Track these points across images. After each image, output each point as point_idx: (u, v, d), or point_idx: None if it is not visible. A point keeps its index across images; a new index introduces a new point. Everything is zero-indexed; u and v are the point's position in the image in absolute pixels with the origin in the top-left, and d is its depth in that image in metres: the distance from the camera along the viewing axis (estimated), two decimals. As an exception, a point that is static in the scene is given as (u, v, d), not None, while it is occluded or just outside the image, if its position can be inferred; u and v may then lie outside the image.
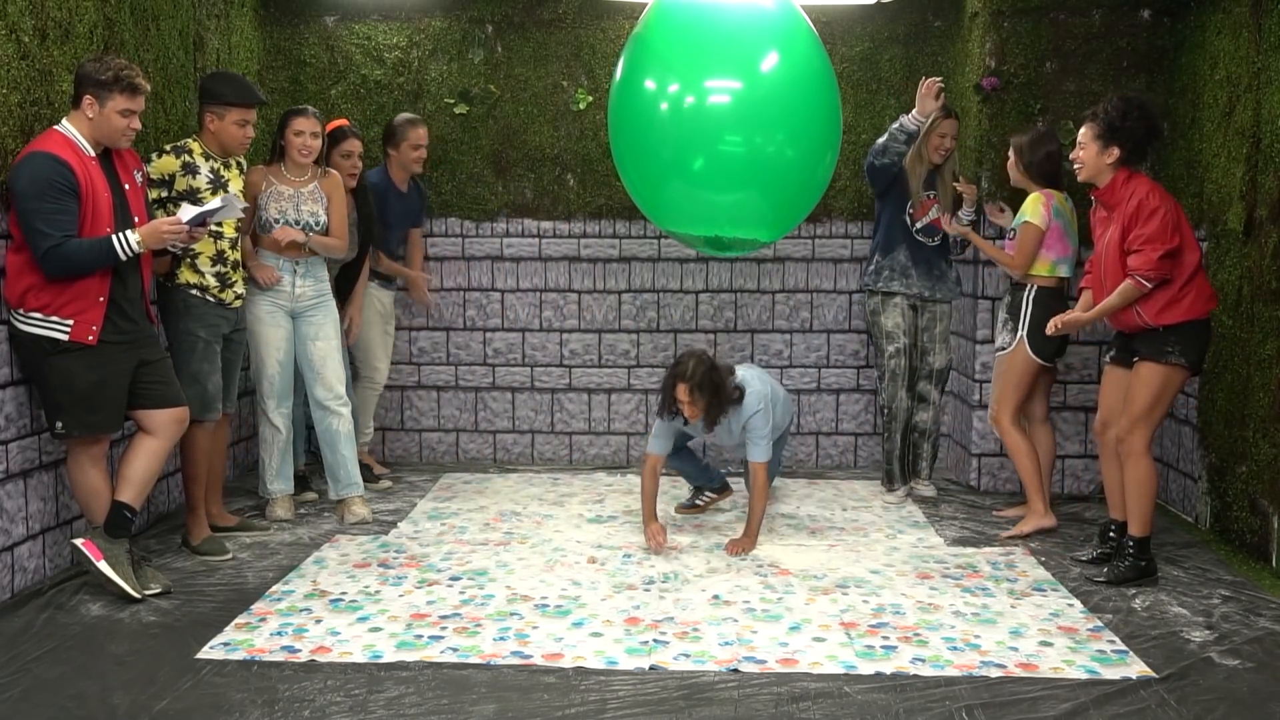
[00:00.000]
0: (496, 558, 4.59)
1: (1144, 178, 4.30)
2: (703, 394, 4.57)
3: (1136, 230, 4.19)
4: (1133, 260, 4.18)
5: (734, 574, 4.39)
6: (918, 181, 5.39)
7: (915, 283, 5.46)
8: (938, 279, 5.48)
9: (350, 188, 5.37)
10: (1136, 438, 4.28)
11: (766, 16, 4.61)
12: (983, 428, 5.72)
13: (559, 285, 6.28)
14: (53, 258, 3.76)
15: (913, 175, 5.38)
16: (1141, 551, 4.32)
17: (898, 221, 5.46)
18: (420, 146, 5.66)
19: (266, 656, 3.51)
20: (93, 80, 3.84)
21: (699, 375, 4.58)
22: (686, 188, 4.61)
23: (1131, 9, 5.54)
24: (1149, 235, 4.16)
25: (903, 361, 5.49)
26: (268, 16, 6.11)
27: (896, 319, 5.48)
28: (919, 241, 5.44)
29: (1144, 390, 4.26)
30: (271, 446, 5.05)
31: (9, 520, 3.94)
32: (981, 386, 5.71)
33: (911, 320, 5.52)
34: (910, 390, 5.55)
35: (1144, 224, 4.18)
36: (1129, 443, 4.29)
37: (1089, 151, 4.31)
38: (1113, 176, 4.29)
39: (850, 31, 6.11)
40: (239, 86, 4.58)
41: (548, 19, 6.13)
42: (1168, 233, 4.17)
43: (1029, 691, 3.30)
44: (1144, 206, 4.19)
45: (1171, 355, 4.24)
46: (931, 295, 5.48)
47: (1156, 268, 4.16)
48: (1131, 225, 4.21)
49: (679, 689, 3.30)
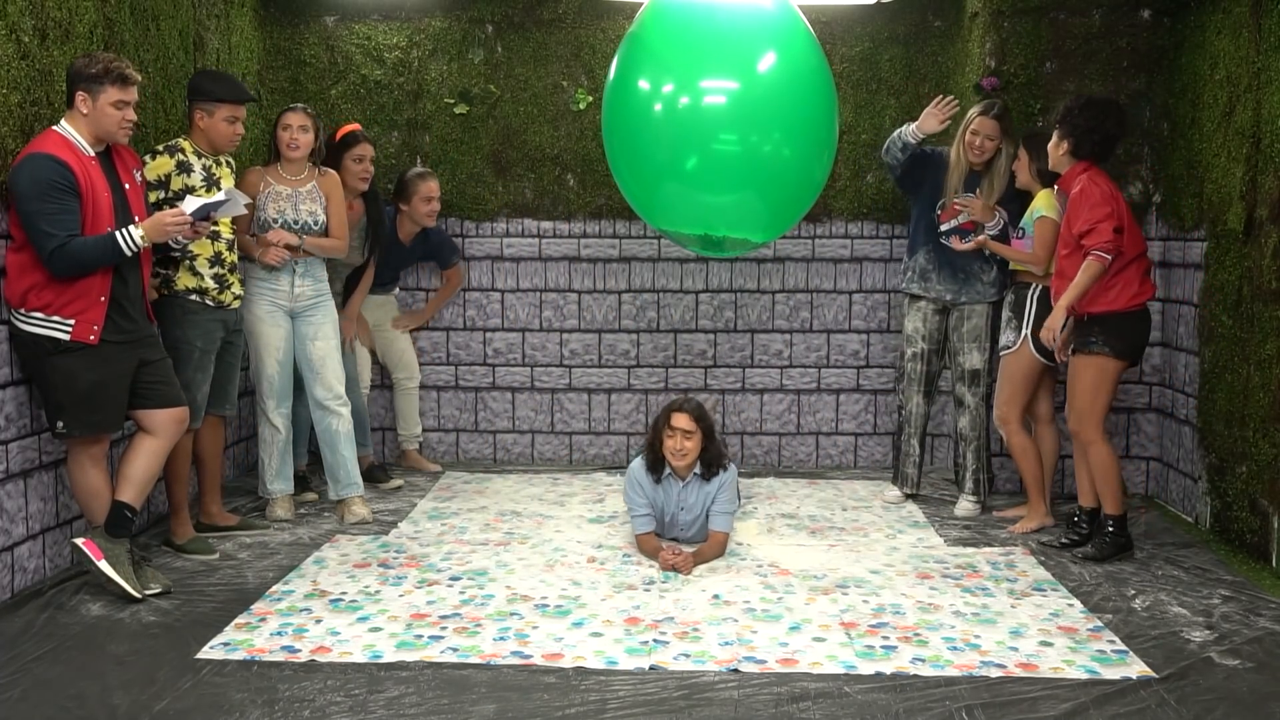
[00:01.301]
0: (496, 558, 4.59)
1: (1096, 172, 4.54)
2: (702, 423, 4.52)
3: (1086, 214, 4.42)
4: (1089, 239, 4.41)
5: (734, 574, 4.39)
6: (958, 181, 5.18)
7: (935, 286, 5.31)
8: (964, 282, 5.26)
9: (361, 192, 5.39)
10: (1087, 428, 4.56)
11: (762, 16, 4.60)
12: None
13: (559, 285, 6.28)
14: (59, 258, 3.76)
15: (953, 173, 5.18)
16: (1119, 529, 4.58)
17: (924, 221, 5.31)
18: (432, 199, 5.71)
19: (266, 656, 3.51)
20: (83, 76, 3.84)
21: (699, 408, 4.56)
22: (681, 188, 4.59)
23: (1131, 9, 5.54)
24: (1100, 216, 4.41)
25: (919, 366, 5.40)
26: (268, 16, 6.12)
27: (917, 323, 5.39)
28: (944, 244, 5.26)
29: (1077, 382, 4.56)
30: (271, 446, 5.05)
31: (9, 520, 3.94)
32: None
33: (938, 323, 5.36)
34: (928, 395, 5.45)
35: (1091, 207, 4.42)
36: (1081, 434, 4.59)
37: (1051, 143, 4.66)
38: (1070, 167, 4.58)
39: (850, 31, 6.11)
40: (227, 84, 4.60)
41: (548, 19, 6.13)
42: (1114, 212, 4.43)
43: (1029, 691, 3.31)
44: (1087, 191, 4.48)
45: (1095, 344, 4.50)
46: (956, 299, 5.28)
47: (1113, 240, 4.39)
48: (1078, 210, 4.46)
49: (679, 689, 3.30)
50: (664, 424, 4.56)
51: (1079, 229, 4.43)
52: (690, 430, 4.50)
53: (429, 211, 5.72)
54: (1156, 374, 5.60)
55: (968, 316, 5.29)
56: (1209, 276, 5.01)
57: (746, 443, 6.33)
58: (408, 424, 6.10)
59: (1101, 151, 4.57)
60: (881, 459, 6.31)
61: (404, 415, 6.09)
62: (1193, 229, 5.21)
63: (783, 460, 6.35)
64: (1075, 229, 4.45)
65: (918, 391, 5.45)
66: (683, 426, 4.50)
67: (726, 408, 6.31)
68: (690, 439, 4.51)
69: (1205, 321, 5.04)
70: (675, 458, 4.53)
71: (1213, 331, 4.96)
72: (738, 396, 6.31)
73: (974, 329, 5.28)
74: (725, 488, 4.59)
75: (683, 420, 4.51)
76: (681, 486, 4.62)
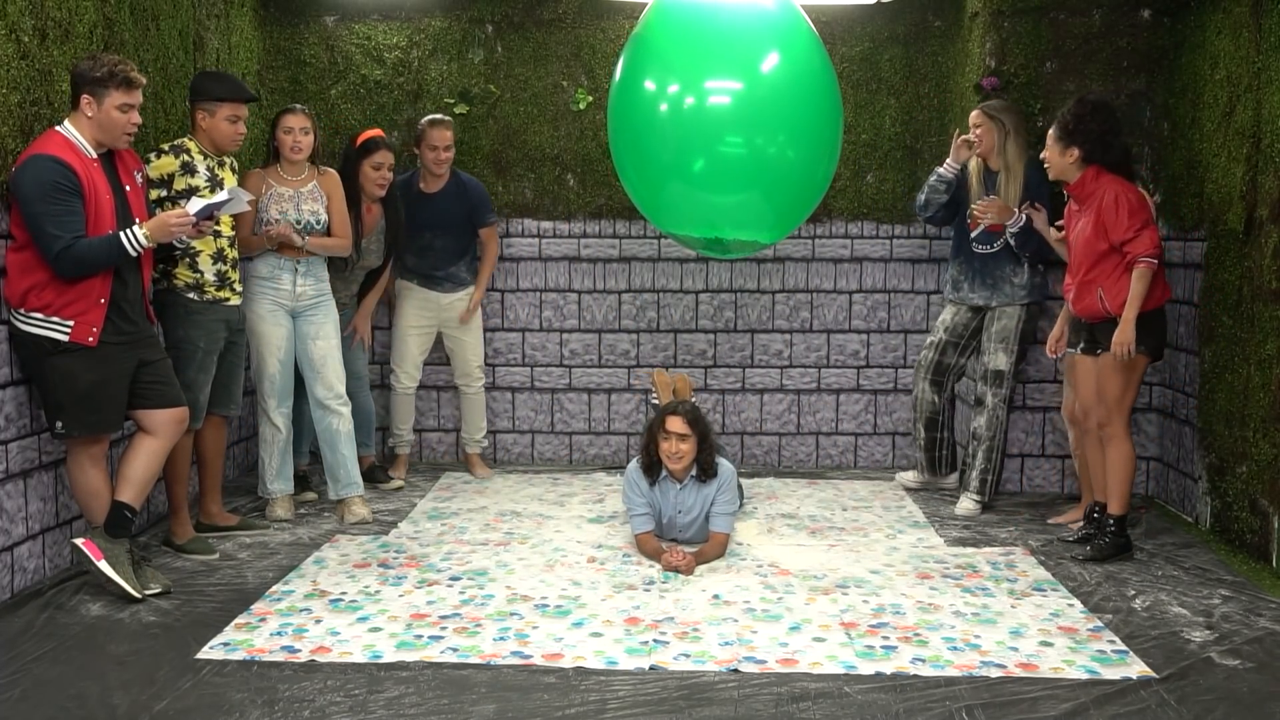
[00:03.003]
0: (496, 558, 4.59)
1: (1114, 177, 4.55)
2: (697, 428, 4.51)
3: (1126, 221, 4.43)
4: (1135, 246, 4.43)
5: (734, 574, 4.39)
6: (978, 185, 5.27)
7: (966, 294, 5.41)
8: (993, 287, 5.31)
9: (379, 198, 5.38)
10: (1116, 424, 4.60)
11: (767, 17, 4.60)
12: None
13: (559, 285, 6.28)
14: (65, 259, 3.76)
15: (973, 179, 5.29)
16: (1120, 529, 4.62)
17: (958, 232, 5.44)
18: (437, 149, 5.59)
19: (266, 656, 3.51)
20: (88, 78, 3.84)
21: (694, 410, 4.56)
22: (687, 189, 4.59)
23: (1131, 9, 5.54)
24: (1139, 222, 4.45)
25: (931, 355, 5.51)
26: (268, 16, 6.12)
27: (946, 316, 5.51)
28: (975, 252, 5.33)
29: (1113, 380, 4.55)
30: (271, 446, 5.05)
31: (9, 520, 3.94)
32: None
33: (967, 320, 5.44)
34: (936, 384, 5.52)
35: (1130, 215, 4.45)
36: (1110, 429, 4.61)
37: (1052, 153, 4.64)
38: (1081, 173, 4.56)
39: (850, 31, 6.11)
40: (229, 83, 4.61)
41: (548, 19, 6.13)
42: (1150, 217, 4.51)
43: (1029, 691, 3.30)
44: (1123, 199, 4.47)
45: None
46: (987, 304, 5.35)
47: (1159, 245, 4.45)
48: (1113, 217, 4.46)
49: (679, 689, 3.30)
50: (659, 427, 4.56)
51: (1120, 237, 4.44)
52: (685, 434, 4.50)
53: (434, 160, 5.60)
54: (1157, 374, 5.59)
55: (998, 317, 5.35)
56: (1209, 276, 5.01)
57: (746, 443, 6.33)
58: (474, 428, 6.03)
59: (1111, 155, 4.57)
60: (882, 459, 6.31)
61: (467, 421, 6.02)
62: (1193, 229, 5.21)
63: (783, 460, 6.35)
64: (1114, 237, 4.45)
65: (924, 378, 5.54)
66: (677, 430, 4.50)
67: (726, 408, 6.31)
68: (685, 442, 4.50)
69: (1205, 321, 5.04)
70: (671, 461, 4.53)
71: (1213, 331, 4.96)
72: (738, 396, 6.31)
73: (1002, 330, 5.31)
74: (725, 489, 4.58)
75: (677, 423, 4.51)
76: (679, 489, 4.62)
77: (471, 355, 5.91)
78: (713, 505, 4.57)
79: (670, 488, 4.62)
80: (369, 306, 5.63)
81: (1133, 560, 4.59)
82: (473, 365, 5.92)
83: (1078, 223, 4.62)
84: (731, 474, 4.63)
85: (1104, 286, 4.51)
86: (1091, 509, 4.86)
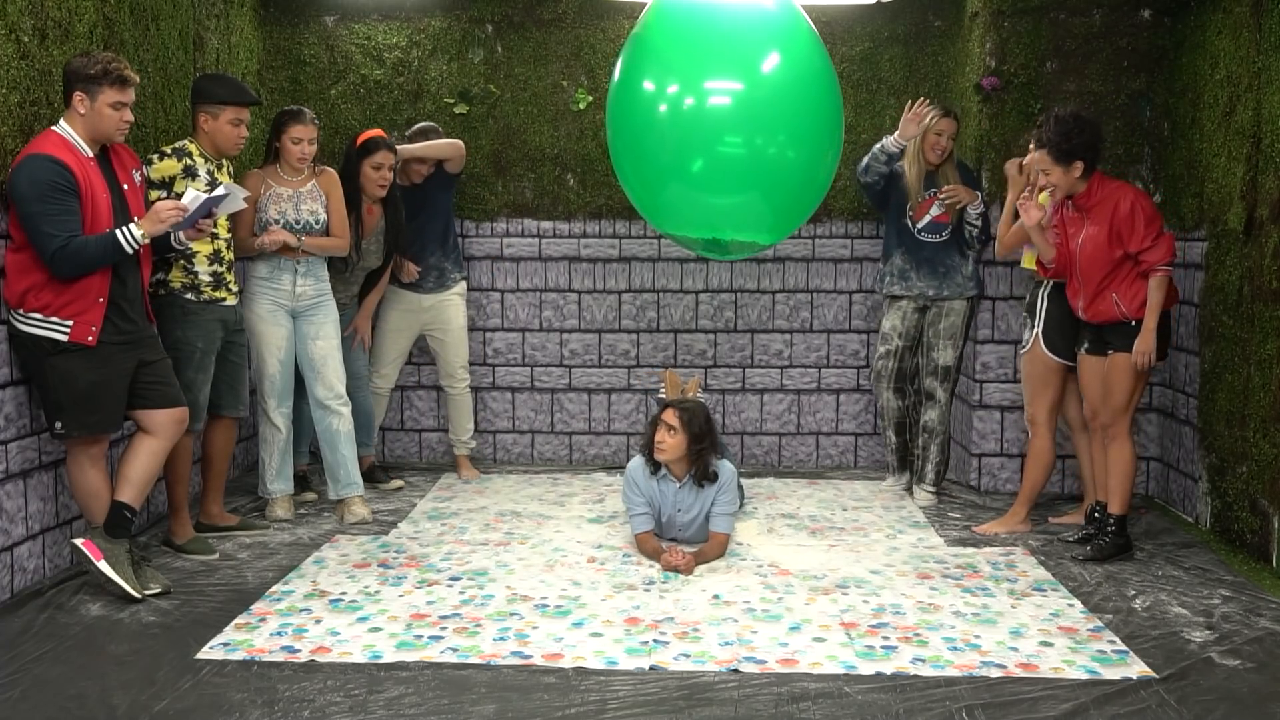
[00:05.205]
0: (496, 558, 4.59)
1: (1116, 180, 4.62)
2: (689, 426, 4.52)
3: (1143, 230, 4.47)
4: (1152, 255, 4.47)
5: (734, 574, 4.39)
6: (916, 182, 5.36)
7: (916, 284, 5.45)
8: (944, 276, 5.42)
9: (379, 198, 5.37)
10: (1121, 425, 4.64)
11: (767, 17, 4.60)
12: (983, 428, 5.72)
13: (559, 285, 6.28)
14: (61, 258, 3.76)
15: (909, 176, 5.36)
16: (1121, 529, 4.65)
17: (895, 226, 5.48)
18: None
19: (266, 656, 3.51)
20: (81, 76, 3.83)
21: (692, 407, 4.58)
22: (686, 190, 4.59)
23: (1131, 9, 5.54)
24: (1155, 230, 4.49)
25: (890, 364, 5.55)
26: (267, 16, 6.12)
27: (894, 321, 5.52)
28: (920, 242, 5.41)
29: (1123, 381, 4.58)
30: (272, 446, 5.05)
31: (9, 520, 3.94)
32: (982, 386, 5.71)
33: (916, 321, 5.51)
34: (899, 390, 5.58)
35: (1147, 223, 4.49)
36: (1115, 429, 4.65)
37: (1055, 175, 4.56)
38: (1085, 185, 4.59)
39: (850, 31, 6.11)
40: (232, 86, 4.59)
41: (548, 19, 6.13)
42: (1163, 222, 4.58)
43: (1029, 692, 3.30)
44: (1139, 207, 4.50)
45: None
46: (938, 294, 5.43)
47: (1174, 252, 4.52)
48: (1130, 227, 4.49)
49: (679, 689, 3.30)
50: (658, 417, 4.61)
51: (1137, 246, 4.47)
52: (673, 426, 4.53)
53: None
54: (1157, 374, 5.59)
55: (945, 314, 5.44)
56: (1209, 276, 5.01)
57: (746, 443, 6.34)
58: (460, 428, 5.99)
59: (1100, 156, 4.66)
60: (881, 459, 6.31)
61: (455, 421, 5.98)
62: (1193, 229, 5.21)
63: (783, 460, 6.35)
64: (1132, 246, 4.48)
65: (887, 388, 5.60)
66: (668, 421, 4.54)
67: (726, 408, 6.31)
68: (671, 435, 4.53)
69: (1205, 321, 5.04)
70: (656, 450, 4.57)
71: (1213, 331, 4.96)
72: (738, 396, 6.31)
73: (950, 326, 5.44)
74: (725, 489, 4.59)
75: (670, 415, 4.55)
76: (678, 488, 4.62)
77: (454, 356, 5.87)
78: (713, 505, 4.59)
79: (669, 485, 4.63)
80: (370, 307, 5.63)
81: (1133, 560, 4.60)
82: (456, 366, 5.89)
83: (1081, 229, 4.60)
84: (732, 475, 4.63)
85: (1118, 292, 4.54)
86: (1092, 509, 4.88)
